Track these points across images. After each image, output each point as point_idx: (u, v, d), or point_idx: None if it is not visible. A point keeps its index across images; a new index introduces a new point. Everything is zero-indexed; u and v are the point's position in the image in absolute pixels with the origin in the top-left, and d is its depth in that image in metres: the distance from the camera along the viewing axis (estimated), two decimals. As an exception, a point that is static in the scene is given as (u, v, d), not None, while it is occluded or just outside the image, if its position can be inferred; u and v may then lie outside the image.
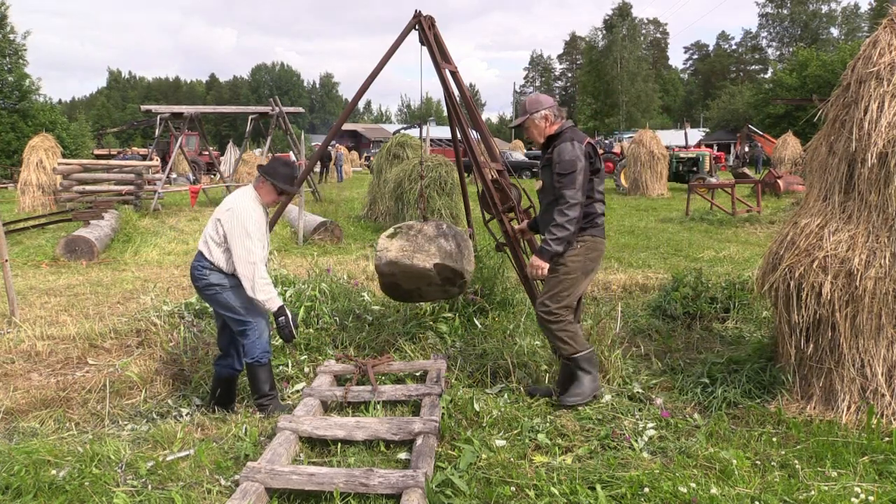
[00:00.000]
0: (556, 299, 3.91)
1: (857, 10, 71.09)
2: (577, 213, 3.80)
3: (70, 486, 3.11)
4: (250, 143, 23.44)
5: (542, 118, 4.01)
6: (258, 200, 4.18)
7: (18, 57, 34.37)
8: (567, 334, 3.93)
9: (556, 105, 4.06)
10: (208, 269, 4.13)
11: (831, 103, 4.14)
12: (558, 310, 3.91)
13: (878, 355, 3.71)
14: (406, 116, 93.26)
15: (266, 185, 4.18)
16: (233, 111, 28.22)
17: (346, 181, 30.16)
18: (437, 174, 11.55)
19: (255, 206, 4.13)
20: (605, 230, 4.18)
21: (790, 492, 2.97)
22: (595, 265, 4.03)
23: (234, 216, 4.05)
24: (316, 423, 3.61)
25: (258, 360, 4.19)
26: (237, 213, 4.05)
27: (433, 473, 3.18)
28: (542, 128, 4.03)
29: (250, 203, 4.12)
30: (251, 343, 4.17)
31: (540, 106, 4.02)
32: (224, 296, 4.14)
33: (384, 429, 3.54)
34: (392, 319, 5.61)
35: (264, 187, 4.19)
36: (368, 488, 2.97)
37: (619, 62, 68.09)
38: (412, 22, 5.17)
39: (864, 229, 3.78)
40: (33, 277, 8.61)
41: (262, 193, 4.20)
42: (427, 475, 3.03)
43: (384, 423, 3.57)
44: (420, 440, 3.40)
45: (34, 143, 17.79)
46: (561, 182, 3.82)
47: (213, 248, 4.13)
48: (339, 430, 3.56)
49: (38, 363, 5.02)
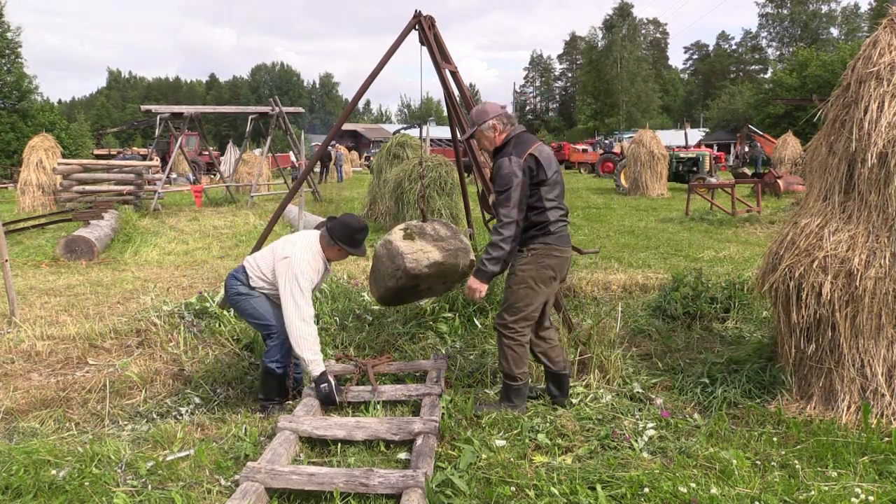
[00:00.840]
0: (511, 311, 3.81)
1: (857, 10, 71.16)
2: (511, 231, 3.66)
3: (70, 486, 3.11)
4: (250, 143, 23.41)
5: (490, 128, 3.84)
6: (320, 255, 4.14)
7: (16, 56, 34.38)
8: (513, 355, 3.83)
9: (504, 113, 3.87)
10: (241, 283, 4.20)
11: (831, 103, 4.14)
12: (513, 323, 3.80)
13: (878, 355, 3.71)
14: (406, 116, 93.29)
15: (340, 251, 4.16)
16: (233, 111, 28.19)
17: (346, 181, 30.16)
18: (437, 174, 11.53)
19: (314, 261, 4.07)
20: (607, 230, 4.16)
21: (790, 492, 2.97)
22: (552, 273, 3.81)
23: (289, 269, 3.96)
24: (316, 423, 3.61)
25: (274, 368, 4.21)
26: (294, 269, 3.96)
27: (433, 473, 3.18)
28: (492, 138, 3.86)
29: (310, 258, 4.04)
30: (275, 346, 4.20)
31: (486, 116, 3.84)
32: (251, 302, 4.17)
33: (384, 429, 3.55)
34: (392, 319, 5.61)
35: (334, 250, 4.16)
36: (368, 488, 2.98)
37: (619, 62, 68.13)
38: (412, 22, 5.17)
39: (864, 229, 3.78)
40: (33, 277, 8.61)
41: (331, 254, 4.18)
42: (427, 475, 3.03)
43: (384, 424, 3.58)
44: (420, 440, 3.40)
45: (34, 143, 17.80)
46: (498, 200, 3.70)
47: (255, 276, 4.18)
48: (339, 431, 3.57)
49: (38, 363, 5.02)
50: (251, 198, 18.01)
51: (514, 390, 3.89)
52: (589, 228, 12.51)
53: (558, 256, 3.80)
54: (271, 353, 4.22)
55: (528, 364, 3.93)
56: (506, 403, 3.89)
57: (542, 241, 3.77)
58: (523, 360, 3.87)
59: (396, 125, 62.70)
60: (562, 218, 3.84)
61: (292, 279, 3.93)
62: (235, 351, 5.09)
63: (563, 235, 3.84)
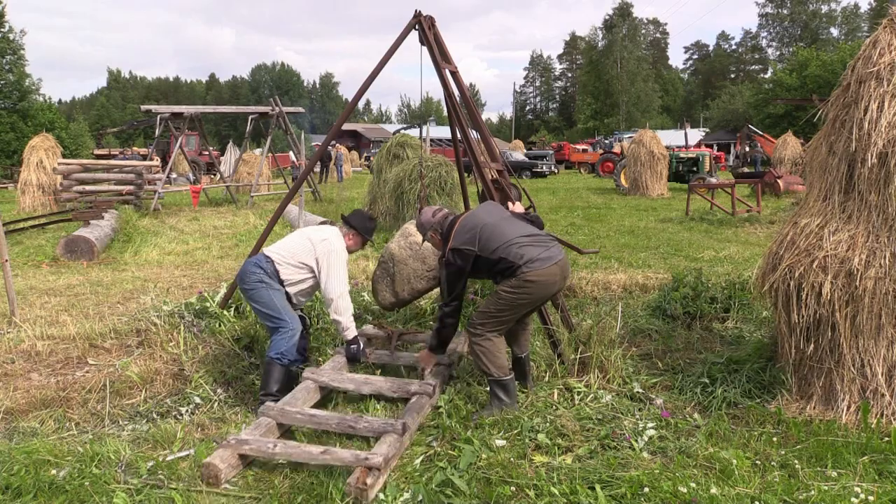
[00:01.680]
0: (481, 315, 3.94)
1: (857, 10, 71.15)
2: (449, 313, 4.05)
3: (70, 486, 3.12)
4: (250, 143, 23.39)
5: (430, 238, 4.37)
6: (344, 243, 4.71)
7: (18, 57, 34.40)
8: (483, 352, 3.92)
9: (436, 221, 4.27)
10: (266, 272, 4.43)
11: (831, 103, 4.14)
12: (480, 326, 3.92)
13: (878, 355, 3.71)
14: (406, 116, 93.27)
15: (358, 236, 4.73)
16: (233, 111, 28.19)
17: (346, 181, 30.15)
18: (437, 174, 11.53)
19: (344, 247, 4.66)
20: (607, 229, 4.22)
21: (790, 492, 2.97)
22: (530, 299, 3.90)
23: (332, 249, 4.50)
24: (333, 375, 4.30)
25: (279, 359, 4.32)
26: (335, 248, 4.52)
27: (434, 473, 3.19)
28: (437, 241, 4.32)
29: (342, 244, 4.63)
30: (280, 339, 4.35)
31: (424, 229, 4.36)
32: (269, 292, 4.41)
33: (386, 387, 4.19)
34: (392, 319, 5.61)
35: (353, 236, 4.72)
36: (355, 430, 3.61)
37: (619, 62, 68.13)
38: (412, 22, 5.17)
39: (864, 229, 3.78)
40: (33, 277, 8.61)
41: (348, 241, 4.70)
42: (406, 426, 3.52)
43: (387, 383, 4.22)
44: (414, 399, 3.98)
45: (34, 143, 17.78)
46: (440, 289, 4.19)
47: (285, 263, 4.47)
48: (349, 384, 4.27)
49: (38, 363, 5.01)
50: (251, 198, 18.01)
51: (500, 385, 3.94)
52: (589, 228, 12.51)
53: (535, 281, 3.82)
54: (276, 346, 4.33)
55: (505, 359, 3.99)
56: (495, 402, 3.94)
57: (519, 275, 3.82)
58: (496, 355, 3.93)
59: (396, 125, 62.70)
60: (528, 244, 3.88)
61: (336, 258, 4.48)
62: (235, 351, 5.09)
63: (540, 258, 3.85)
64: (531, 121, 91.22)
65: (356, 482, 3.07)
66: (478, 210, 4.21)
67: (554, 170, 36.89)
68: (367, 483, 3.07)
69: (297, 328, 4.39)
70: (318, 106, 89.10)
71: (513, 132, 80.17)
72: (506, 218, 4.09)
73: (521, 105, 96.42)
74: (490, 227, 3.95)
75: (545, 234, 4.13)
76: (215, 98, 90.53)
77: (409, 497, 3.05)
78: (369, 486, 3.07)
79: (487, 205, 4.36)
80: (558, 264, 3.90)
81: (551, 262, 3.87)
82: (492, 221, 4.00)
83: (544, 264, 3.84)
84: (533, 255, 3.84)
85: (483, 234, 3.92)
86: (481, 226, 3.95)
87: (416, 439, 3.73)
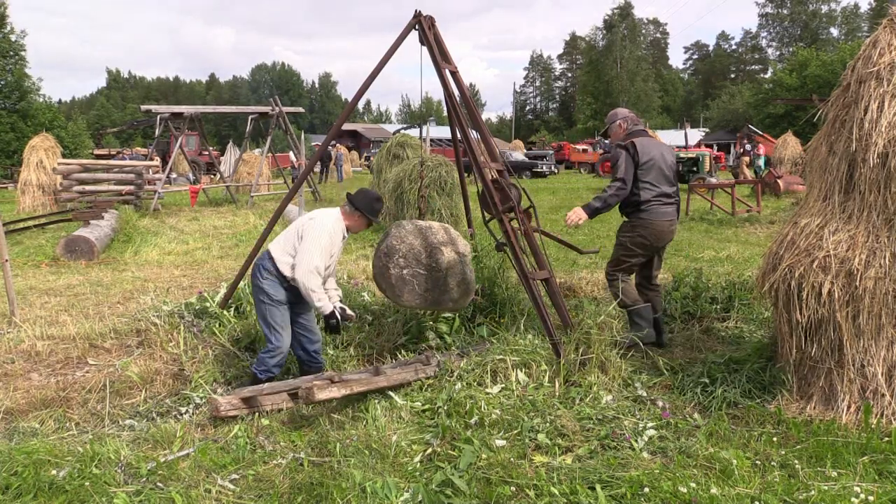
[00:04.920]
0: (612, 263, 5.08)
1: (857, 10, 71.18)
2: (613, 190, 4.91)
3: (70, 486, 3.11)
4: (250, 143, 23.38)
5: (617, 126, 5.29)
6: (341, 222, 4.56)
7: (19, 58, 34.38)
8: (619, 288, 4.98)
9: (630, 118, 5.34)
10: (269, 273, 4.44)
11: (831, 103, 4.13)
12: (612, 271, 5.06)
13: (878, 355, 3.71)
14: (406, 116, 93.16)
15: (362, 217, 4.58)
16: (233, 111, 28.21)
17: (346, 181, 30.15)
18: (437, 174, 11.53)
19: (335, 226, 4.50)
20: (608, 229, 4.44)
21: (790, 492, 2.97)
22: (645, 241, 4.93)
23: (314, 225, 4.42)
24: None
25: (260, 374, 4.46)
26: (318, 223, 4.43)
27: (434, 473, 3.19)
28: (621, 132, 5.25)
29: (332, 222, 4.48)
30: (266, 355, 4.46)
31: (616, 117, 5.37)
32: (264, 308, 4.45)
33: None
34: (392, 319, 5.61)
35: (355, 217, 4.59)
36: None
37: (619, 62, 68.16)
38: (412, 22, 5.17)
39: (864, 229, 3.78)
40: (33, 277, 8.61)
41: (351, 222, 4.59)
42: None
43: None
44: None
45: (34, 143, 17.76)
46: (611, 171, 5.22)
47: (282, 256, 4.45)
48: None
49: (38, 363, 5.01)
50: (251, 198, 18.00)
51: (635, 313, 4.97)
52: (589, 228, 12.49)
53: (648, 227, 4.90)
54: (261, 362, 4.48)
55: (636, 293, 5.05)
56: (634, 328, 4.89)
57: (636, 215, 4.93)
58: (629, 291, 4.99)
59: (396, 125, 62.65)
60: (655, 198, 4.89)
61: (314, 233, 4.37)
62: (235, 351, 5.09)
63: (656, 211, 4.91)
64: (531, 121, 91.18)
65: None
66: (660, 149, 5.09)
67: (554, 170, 36.92)
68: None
69: (284, 348, 4.48)
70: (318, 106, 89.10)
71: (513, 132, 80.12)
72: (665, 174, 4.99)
73: (521, 105, 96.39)
74: (655, 164, 4.93)
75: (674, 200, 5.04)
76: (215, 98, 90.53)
77: (409, 497, 3.04)
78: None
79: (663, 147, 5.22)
80: (671, 222, 4.98)
81: (665, 217, 4.93)
82: (658, 165, 4.95)
83: (659, 216, 4.91)
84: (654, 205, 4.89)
85: (648, 163, 4.90)
86: (654, 157, 4.93)
87: (415, 438, 3.71)
